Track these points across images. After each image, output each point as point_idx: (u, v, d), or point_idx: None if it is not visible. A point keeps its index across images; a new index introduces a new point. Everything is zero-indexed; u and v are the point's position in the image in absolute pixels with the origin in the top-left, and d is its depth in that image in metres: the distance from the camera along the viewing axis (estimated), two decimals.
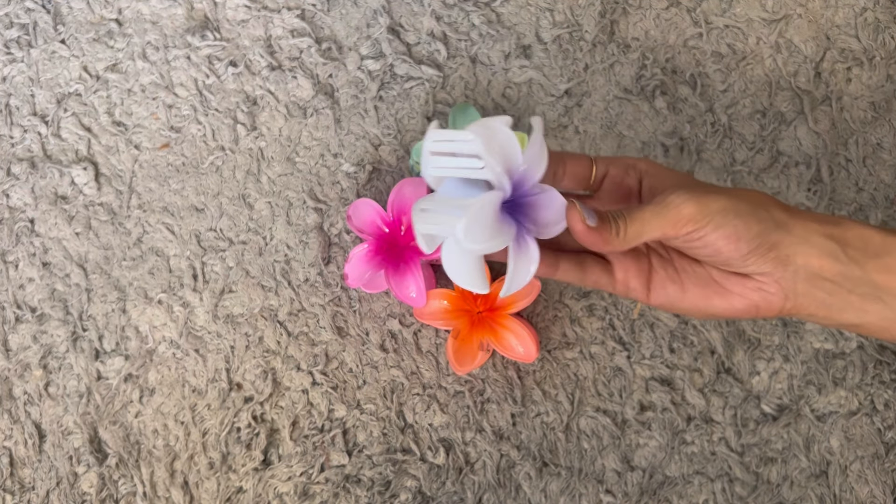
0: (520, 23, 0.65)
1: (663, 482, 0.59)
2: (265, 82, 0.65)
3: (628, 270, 0.42)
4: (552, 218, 0.39)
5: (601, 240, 0.38)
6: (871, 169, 0.61)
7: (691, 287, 0.41)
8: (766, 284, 0.39)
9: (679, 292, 0.41)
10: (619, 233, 0.38)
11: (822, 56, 0.63)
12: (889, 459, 0.58)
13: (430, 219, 0.36)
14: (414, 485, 0.59)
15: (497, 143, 0.36)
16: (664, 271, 0.42)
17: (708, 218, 0.37)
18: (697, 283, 0.41)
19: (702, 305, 0.41)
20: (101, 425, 0.61)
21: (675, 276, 0.41)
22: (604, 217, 0.38)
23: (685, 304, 0.41)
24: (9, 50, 0.66)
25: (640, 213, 0.38)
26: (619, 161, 0.43)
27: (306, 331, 0.62)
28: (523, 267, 0.38)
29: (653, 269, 0.42)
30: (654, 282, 0.42)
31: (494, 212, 0.36)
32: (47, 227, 0.64)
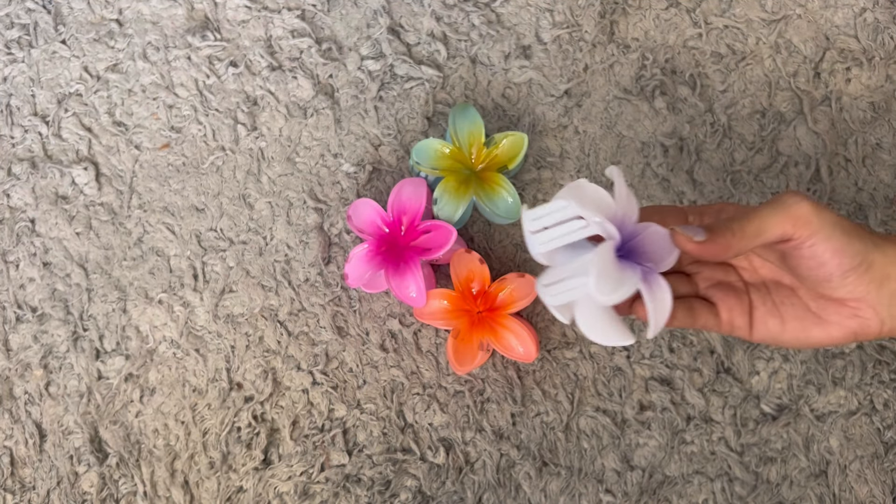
0: (520, 23, 0.65)
1: (663, 482, 0.59)
2: (265, 82, 0.65)
3: (732, 309, 0.42)
4: (663, 250, 0.40)
5: (719, 247, 0.38)
6: (871, 169, 0.62)
7: (790, 320, 0.41)
8: (862, 310, 0.39)
9: (779, 325, 0.41)
10: (737, 233, 0.38)
11: (821, 56, 0.63)
12: (888, 459, 0.58)
13: (558, 289, 0.37)
14: (414, 484, 0.60)
15: (589, 199, 0.37)
16: (764, 306, 0.42)
17: (821, 224, 0.37)
18: (796, 315, 0.41)
19: (801, 337, 0.41)
20: (102, 425, 0.61)
21: (775, 311, 0.42)
22: (716, 225, 0.38)
23: (786, 336, 0.41)
24: (9, 50, 0.66)
25: (756, 211, 0.38)
26: (711, 209, 0.43)
27: (306, 330, 0.62)
28: (661, 301, 0.38)
29: (753, 305, 0.42)
30: (755, 318, 0.42)
31: (614, 260, 0.37)
32: (48, 227, 0.64)
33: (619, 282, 0.36)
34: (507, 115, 0.64)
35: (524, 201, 0.62)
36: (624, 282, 0.36)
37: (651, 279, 0.38)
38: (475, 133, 0.60)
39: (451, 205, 0.58)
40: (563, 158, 0.63)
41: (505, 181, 0.59)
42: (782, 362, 0.59)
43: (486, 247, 0.62)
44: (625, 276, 0.37)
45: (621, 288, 0.36)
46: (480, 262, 0.57)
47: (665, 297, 0.38)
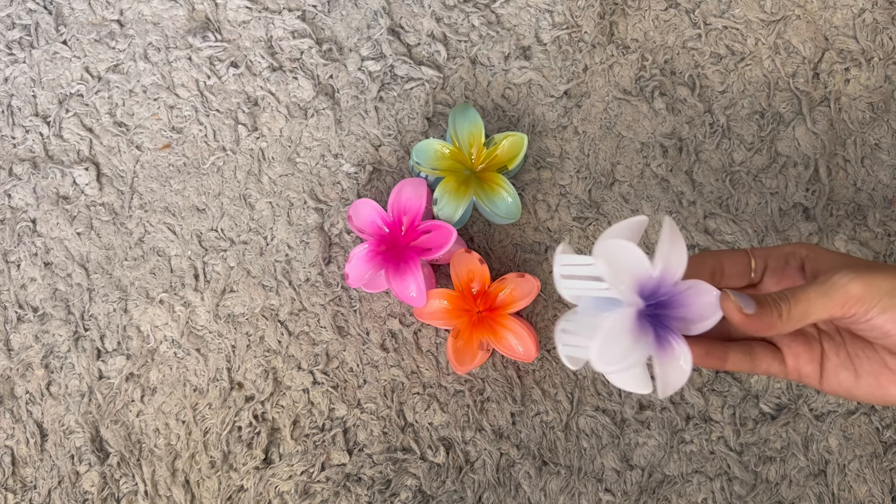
0: (519, 24, 0.65)
1: (662, 481, 0.59)
2: (266, 83, 0.65)
3: (799, 357, 0.40)
4: (699, 313, 0.38)
5: (763, 325, 0.36)
6: (870, 169, 0.62)
7: (865, 374, 0.39)
8: None
9: (852, 379, 0.40)
10: (783, 315, 0.36)
11: (820, 57, 0.63)
12: (887, 458, 0.58)
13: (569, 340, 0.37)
14: (414, 483, 0.60)
15: (620, 262, 0.36)
16: (837, 357, 0.40)
17: (876, 299, 0.36)
18: (871, 369, 0.39)
19: (878, 393, 0.39)
20: (103, 424, 0.61)
21: (848, 363, 0.40)
22: (764, 301, 0.37)
23: (859, 391, 0.40)
24: (11, 51, 0.66)
25: (804, 293, 0.37)
26: (778, 251, 0.42)
27: (307, 330, 0.62)
28: (672, 368, 0.37)
29: (825, 354, 0.40)
30: (826, 368, 0.40)
31: (627, 329, 0.36)
32: (49, 227, 0.64)
33: (623, 354, 0.35)
34: (506, 116, 0.64)
35: (524, 202, 0.62)
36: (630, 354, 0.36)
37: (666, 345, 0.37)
38: (475, 133, 0.60)
39: (451, 205, 0.59)
40: (563, 159, 0.63)
41: (505, 181, 0.59)
42: None
43: (486, 247, 0.62)
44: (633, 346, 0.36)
45: (627, 359, 0.35)
46: (480, 262, 0.57)
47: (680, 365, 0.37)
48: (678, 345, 0.38)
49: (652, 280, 0.37)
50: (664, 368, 0.37)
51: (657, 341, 0.37)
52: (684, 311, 0.38)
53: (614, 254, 0.36)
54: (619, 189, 0.62)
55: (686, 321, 0.38)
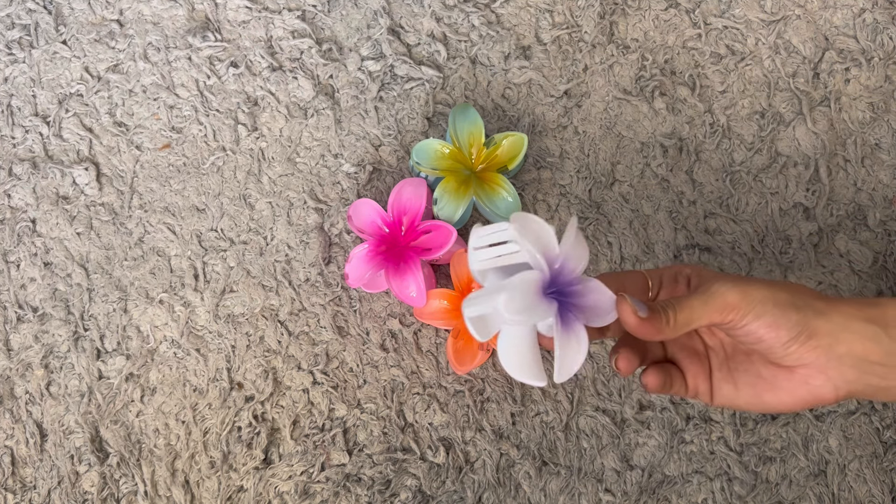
0: (519, 24, 0.65)
1: (662, 481, 0.59)
2: (266, 83, 0.65)
3: (697, 375, 0.44)
4: (600, 306, 0.40)
5: (654, 329, 0.39)
6: (870, 169, 0.62)
7: (743, 386, 0.42)
8: (812, 377, 0.40)
9: (733, 391, 0.43)
10: (670, 321, 0.39)
11: (820, 57, 0.63)
12: (887, 459, 0.58)
13: (474, 301, 0.38)
14: (414, 484, 0.60)
15: (531, 230, 0.39)
16: (720, 372, 0.43)
17: (750, 306, 0.39)
18: (748, 381, 0.42)
19: (754, 402, 0.42)
20: (103, 424, 0.61)
21: (729, 376, 0.43)
22: (654, 308, 0.39)
23: (740, 401, 0.43)
24: (10, 51, 0.66)
25: (688, 301, 0.40)
26: (668, 271, 0.45)
27: (307, 330, 0.62)
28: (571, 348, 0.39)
29: (712, 370, 0.44)
30: (713, 383, 0.43)
31: (534, 288, 0.38)
32: (49, 227, 0.64)
33: (528, 306, 0.37)
34: (506, 116, 0.64)
35: (524, 202, 0.62)
36: (534, 308, 0.37)
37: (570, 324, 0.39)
38: (475, 133, 0.60)
39: (451, 205, 0.59)
40: (563, 159, 0.63)
41: (505, 181, 0.59)
42: None
43: None
44: (538, 304, 0.38)
45: (530, 312, 0.37)
46: None
47: (577, 346, 0.39)
48: (578, 329, 0.39)
49: (556, 262, 0.39)
50: (563, 347, 0.38)
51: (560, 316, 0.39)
52: (583, 302, 0.40)
53: (528, 224, 0.39)
54: (619, 189, 0.62)
55: (585, 313, 0.40)
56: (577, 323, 0.39)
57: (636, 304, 0.39)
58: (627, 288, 0.44)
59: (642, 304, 0.39)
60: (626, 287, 0.44)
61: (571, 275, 0.40)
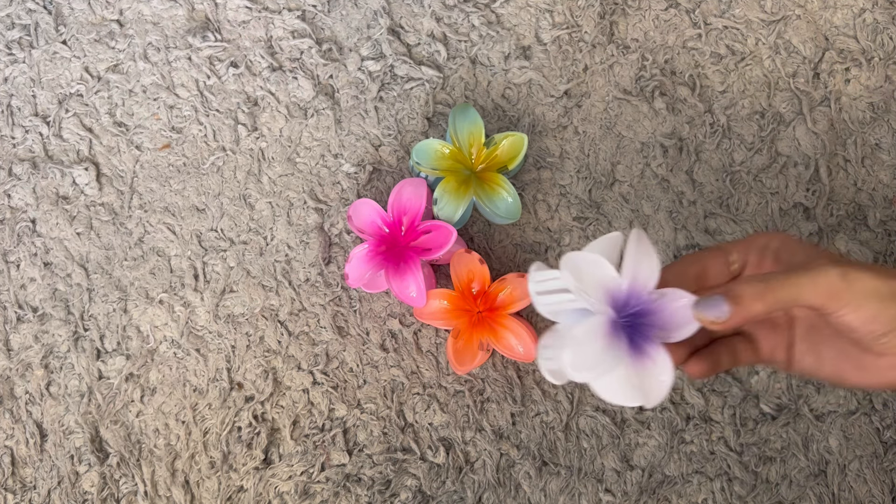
0: (519, 24, 0.65)
1: (662, 481, 0.59)
2: (266, 83, 0.65)
3: (774, 347, 0.42)
4: (676, 321, 0.39)
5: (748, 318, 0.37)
6: (870, 169, 0.62)
7: (827, 360, 0.41)
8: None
9: (815, 363, 0.41)
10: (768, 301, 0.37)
11: (820, 57, 0.63)
12: (887, 459, 0.58)
13: (549, 356, 0.38)
14: (414, 484, 0.60)
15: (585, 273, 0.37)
16: (803, 343, 0.42)
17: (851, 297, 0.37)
18: (833, 357, 0.41)
19: (835, 378, 0.41)
20: (103, 424, 0.61)
21: (813, 349, 0.41)
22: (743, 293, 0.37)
23: (821, 374, 0.41)
24: (10, 51, 0.66)
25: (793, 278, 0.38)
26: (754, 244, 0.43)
27: (307, 330, 0.62)
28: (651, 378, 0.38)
29: (794, 341, 0.42)
30: (793, 354, 0.42)
31: (599, 337, 0.36)
32: (49, 227, 0.64)
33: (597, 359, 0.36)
34: (506, 116, 0.64)
35: (524, 202, 0.62)
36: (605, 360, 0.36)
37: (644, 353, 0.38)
38: (475, 133, 0.60)
39: (451, 205, 0.59)
40: (563, 159, 0.63)
41: (505, 181, 0.59)
42: None
43: (486, 247, 0.62)
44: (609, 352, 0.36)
45: (598, 366, 0.36)
46: (480, 262, 0.57)
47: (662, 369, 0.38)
48: (657, 353, 0.38)
49: (622, 291, 0.38)
50: (642, 378, 0.37)
51: (632, 350, 0.37)
52: (661, 319, 0.39)
53: (579, 265, 0.37)
54: (619, 189, 0.62)
55: (665, 330, 0.39)
56: (653, 346, 0.38)
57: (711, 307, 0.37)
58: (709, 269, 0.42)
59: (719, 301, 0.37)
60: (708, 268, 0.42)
61: (643, 293, 0.38)
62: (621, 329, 0.38)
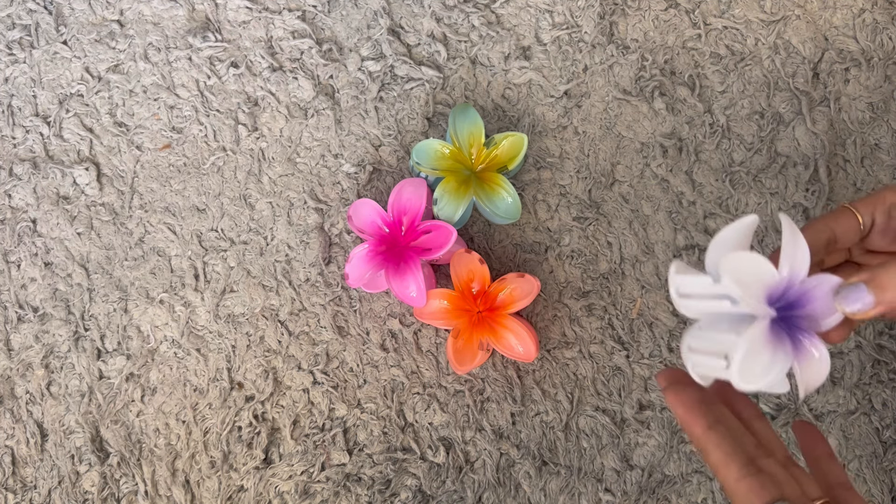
0: (519, 24, 0.65)
1: (662, 481, 0.59)
2: (266, 83, 0.65)
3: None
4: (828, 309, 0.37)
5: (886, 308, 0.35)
6: (870, 169, 0.62)
7: None
8: None
9: None
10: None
11: (820, 57, 0.63)
12: (887, 458, 0.58)
13: (700, 362, 0.36)
14: (414, 483, 0.60)
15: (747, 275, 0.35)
16: None
17: None
18: None
19: None
20: (103, 424, 0.61)
21: None
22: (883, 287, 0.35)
23: None
24: (11, 51, 0.66)
25: None
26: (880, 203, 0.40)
27: (307, 330, 0.62)
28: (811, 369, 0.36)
29: None
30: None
31: (764, 342, 0.35)
32: (49, 227, 0.64)
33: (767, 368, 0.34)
34: (506, 116, 0.64)
35: (524, 202, 0.62)
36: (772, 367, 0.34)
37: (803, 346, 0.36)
38: (475, 133, 0.60)
39: (451, 205, 0.59)
40: (563, 159, 0.63)
41: (505, 181, 0.59)
42: None
43: (486, 247, 0.62)
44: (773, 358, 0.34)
45: (769, 374, 0.34)
46: (480, 262, 0.57)
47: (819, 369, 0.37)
48: (812, 345, 0.37)
49: (780, 285, 0.36)
50: (803, 371, 0.36)
51: (794, 346, 0.36)
52: (813, 308, 0.37)
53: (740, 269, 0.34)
54: (619, 189, 0.62)
55: (815, 318, 0.37)
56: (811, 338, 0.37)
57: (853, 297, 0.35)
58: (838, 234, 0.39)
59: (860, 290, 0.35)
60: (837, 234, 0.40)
61: (796, 283, 0.37)
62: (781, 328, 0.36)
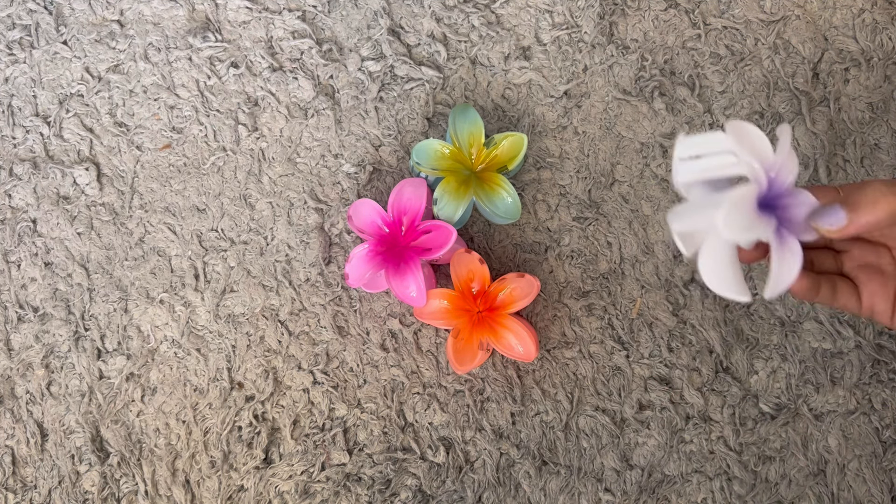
0: (519, 24, 0.65)
1: (662, 481, 0.59)
2: (266, 83, 0.65)
3: (875, 294, 0.41)
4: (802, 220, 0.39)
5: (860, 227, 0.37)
6: (869, 169, 0.62)
7: None
8: None
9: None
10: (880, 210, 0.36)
11: (819, 57, 0.63)
12: (887, 458, 0.58)
13: (687, 213, 0.37)
14: (414, 483, 0.60)
15: (749, 139, 0.37)
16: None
17: None
18: None
19: None
20: (103, 424, 0.61)
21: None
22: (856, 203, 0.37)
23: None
24: (11, 51, 0.66)
25: None
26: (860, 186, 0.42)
27: (307, 330, 0.62)
28: (787, 263, 0.38)
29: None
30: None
31: (752, 203, 0.36)
32: (49, 227, 0.64)
33: (748, 225, 0.35)
34: (506, 116, 0.64)
35: (524, 202, 0.62)
36: (754, 226, 0.36)
37: (785, 238, 0.38)
38: (475, 134, 0.60)
39: (451, 205, 0.59)
40: (563, 159, 0.63)
41: (505, 181, 0.59)
42: (781, 362, 0.59)
43: (486, 247, 0.62)
44: (757, 222, 0.36)
45: (750, 231, 0.36)
46: (480, 262, 0.57)
47: (793, 262, 0.38)
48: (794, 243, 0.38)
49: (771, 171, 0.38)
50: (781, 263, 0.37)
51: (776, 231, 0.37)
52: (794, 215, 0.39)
53: (744, 132, 0.37)
54: (618, 189, 0.63)
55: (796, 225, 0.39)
56: (791, 237, 0.38)
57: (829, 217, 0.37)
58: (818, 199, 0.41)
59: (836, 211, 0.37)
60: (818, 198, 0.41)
61: (783, 186, 0.38)
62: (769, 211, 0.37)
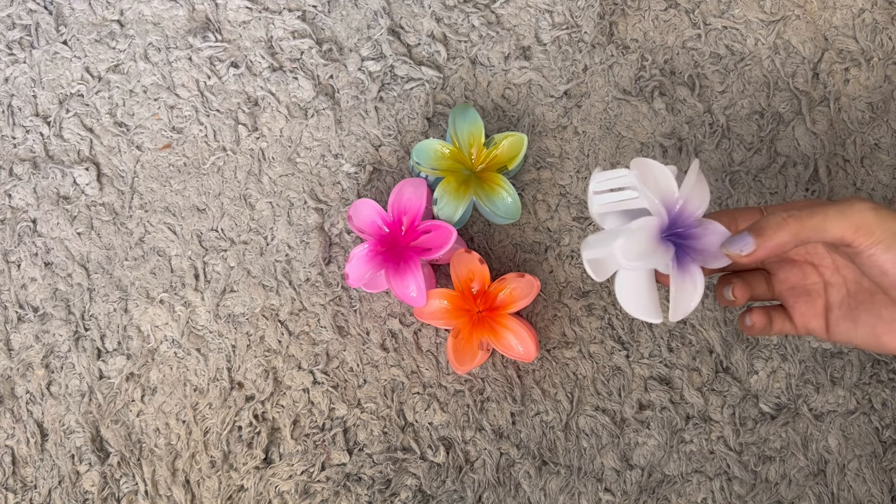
0: (519, 24, 0.65)
1: (662, 481, 0.59)
2: (266, 83, 0.65)
3: (805, 314, 0.44)
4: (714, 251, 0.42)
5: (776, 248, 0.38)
6: (869, 169, 0.62)
7: (862, 325, 0.42)
8: None
9: (851, 329, 0.42)
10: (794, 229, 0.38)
11: (819, 57, 0.63)
12: (887, 458, 0.58)
13: (595, 242, 0.40)
14: (414, 483, 0.60)
15: (651, 176, 0.40)
16: (840, 309, 0.43)
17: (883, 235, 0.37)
18: (869, 321, 0.41)
19: (871, 342, 0.42)
20: (103, 424, 0.61)
21: (849, 314, 0.42)
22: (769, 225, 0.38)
23: (857, 339, 0.42)
24: (11, 51, 0.66)
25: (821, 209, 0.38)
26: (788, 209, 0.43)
27: (307, 330, 0.62)
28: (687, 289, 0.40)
29: (830, 307, 0.43)
30: (830, 321, 0.43)
31: (651, 234, 0.39)
32: (49, 227, 0.64)
33: (644, 254, 0.38)
34: (506, 116, 0.64)
35: (524, 202, 0.62)
36: (651, 256, 0.38)
37: (686, 267, 0.40)
38: (475, 133, 0.60)
39: (451, 205, 0.59)
40: (563, 159, 0.63)
41: (505, 181, 0.59)
42: (781, 362, 0.59)
43: (486, 247, 0.62)
44: (653, 250, 0.39)
45: (646, 258, 0.38)
46: (480, 262, 0.57)
47: (693, 287, 0.40)
48: (696, 272, 0.41)
49: (675, 206, 0.41)
50: (678, 290, 0.40)
51: (676, 260, 0.40)
52: (701, 244, 0.41)
53: (648, 168, 0.40)
54: None
55: (702, 255, 0.41)
56: (693, 265, 0.41)
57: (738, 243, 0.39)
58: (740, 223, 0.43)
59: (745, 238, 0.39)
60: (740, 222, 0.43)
61: (691, 217, 0.41)
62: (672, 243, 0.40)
